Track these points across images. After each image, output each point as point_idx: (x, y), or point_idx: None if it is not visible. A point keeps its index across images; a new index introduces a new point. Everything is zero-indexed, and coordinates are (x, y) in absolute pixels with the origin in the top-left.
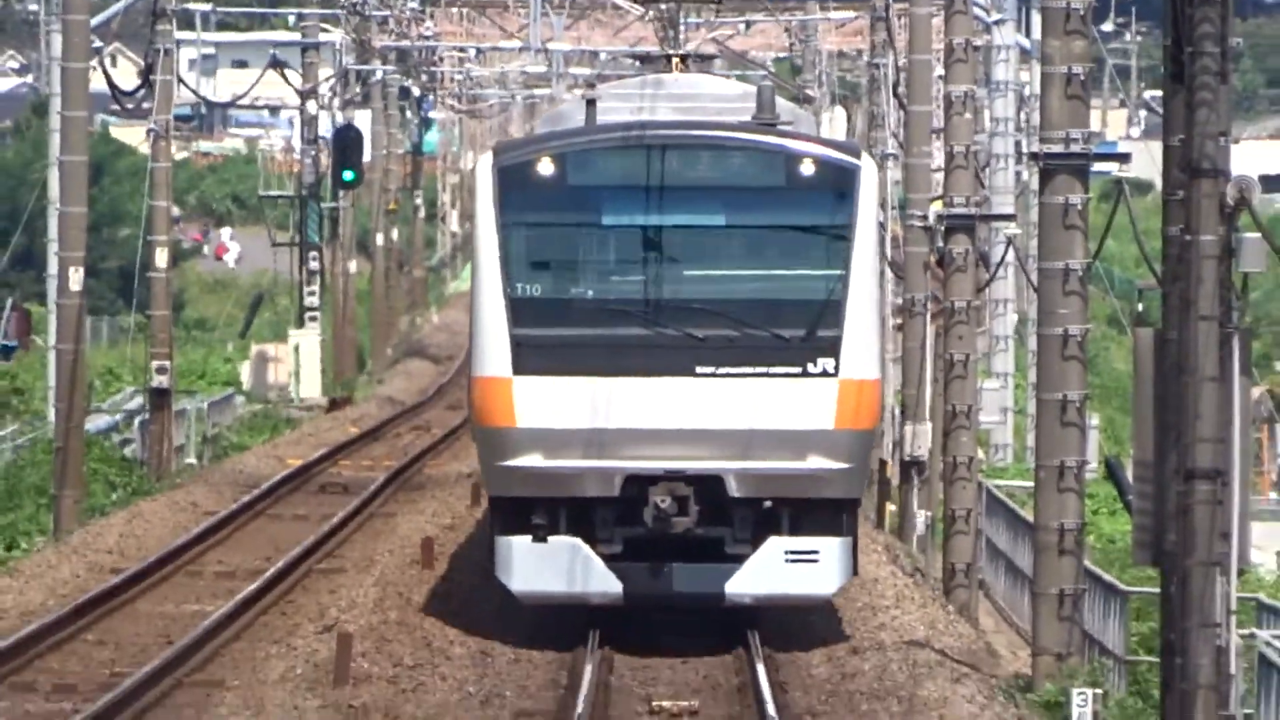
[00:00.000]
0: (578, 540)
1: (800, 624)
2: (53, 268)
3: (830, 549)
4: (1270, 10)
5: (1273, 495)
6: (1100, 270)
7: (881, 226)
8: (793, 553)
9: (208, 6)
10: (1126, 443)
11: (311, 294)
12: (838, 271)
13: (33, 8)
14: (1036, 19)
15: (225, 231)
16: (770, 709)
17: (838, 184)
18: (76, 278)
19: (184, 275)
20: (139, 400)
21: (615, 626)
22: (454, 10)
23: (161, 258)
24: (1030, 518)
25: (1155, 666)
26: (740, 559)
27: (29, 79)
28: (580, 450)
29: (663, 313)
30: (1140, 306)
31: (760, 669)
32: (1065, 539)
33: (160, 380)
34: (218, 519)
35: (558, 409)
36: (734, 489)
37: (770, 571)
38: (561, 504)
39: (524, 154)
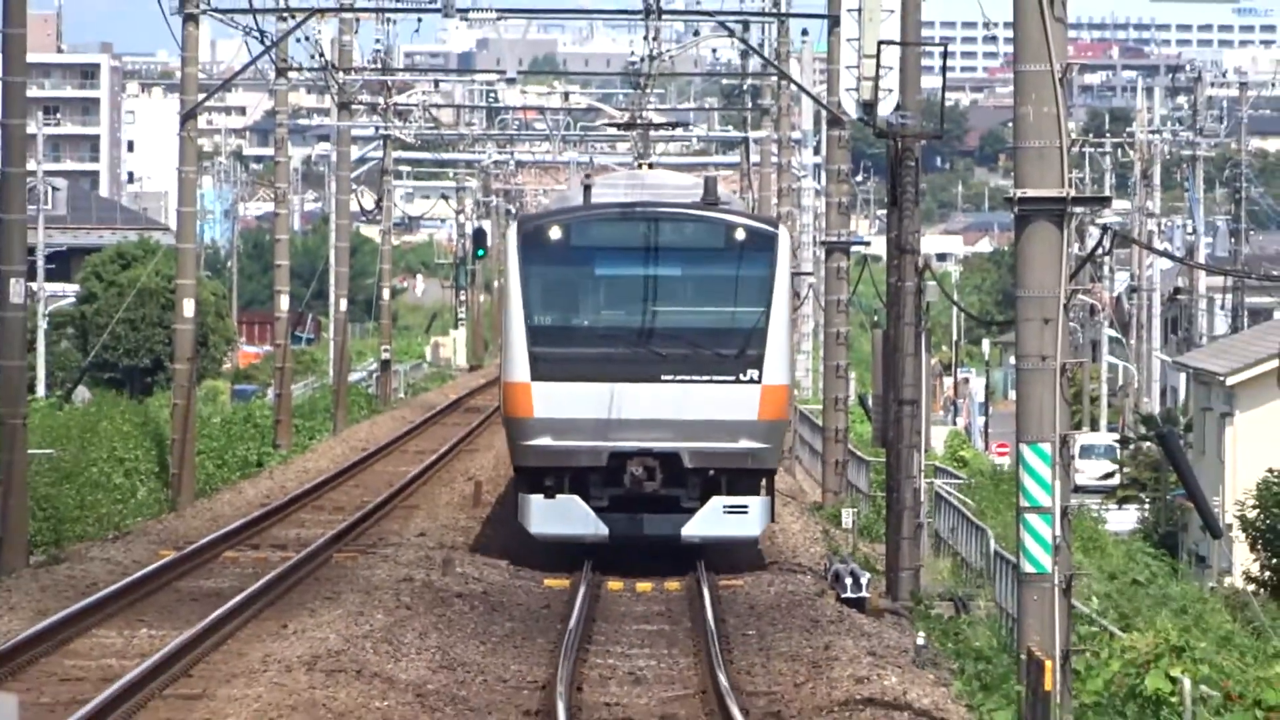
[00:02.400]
0: (576, 497)
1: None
2: (331, 300)
3: (755, 504)
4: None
5: (940, 413)
6: (857, 300)
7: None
8: (729, 507)
9: (408, 168)
10: (869, 385)
11: (460, 311)
12: (761, 308)
13: None
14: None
15: (419, 279)
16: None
17: (761, 246)
18: (342, 305)
19: (397, 302)
20: (375, 365)
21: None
22: (533, 170)
23: (386, 294)
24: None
25: (883, 498)
26: (692, 511)
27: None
28: (579, 434)
29: (638, 336)
30: (876, 318)
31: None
32: (838, 435)
33: (385, 355)
34: (414, 425)
35: (563, 404)
36: (687, 462)
37: (714, 520)
38: (566, 472)
39: (540, 222)
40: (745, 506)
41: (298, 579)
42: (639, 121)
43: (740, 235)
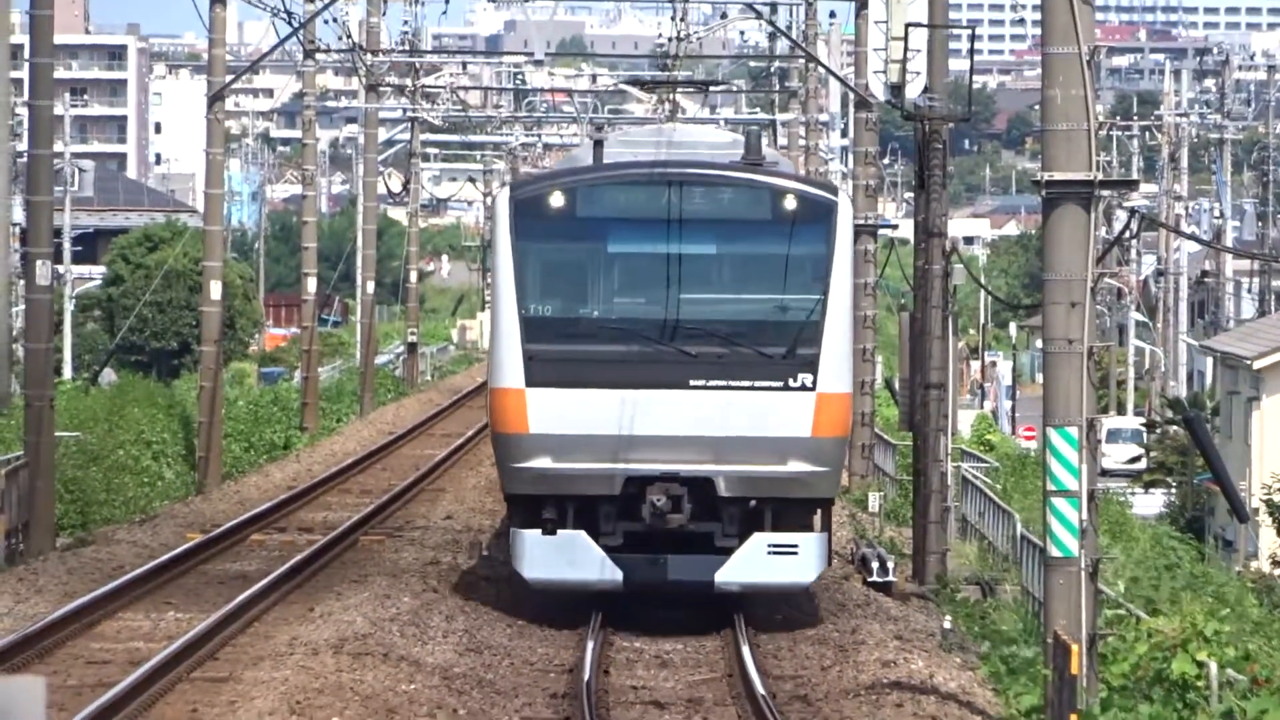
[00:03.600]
0: (583, 534)
1: None
2: (358, 283)
3: (808, 543)
4: (966, 153)
5: (967, 396)
6: (884, 283)
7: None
8: (775, 546)
9: (435, 151)
10: (895, 369)
11: (487, 294)
12: (817, 296)
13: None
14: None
15: (445, 261)
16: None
17: (817, 217)
18: (369, 288)
19: (424, 285)
20: (402, 348)
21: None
22: (560, 152)
23: (413, 277)
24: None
25: (910, 482)
26: (728, 551)
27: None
28: (586, 454)
29: (660, 331)
30: (903, 301)
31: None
32: (864, 419)
33: (412, 338)
34: (441, 408)
35: (566, 417)
36: (723, 489)
37: (755, 562)
38: (569, 501)
39: (538, 188)
40: (795, 546)
41: (324, 562)
42: (666, 80)
43: (791, 204)
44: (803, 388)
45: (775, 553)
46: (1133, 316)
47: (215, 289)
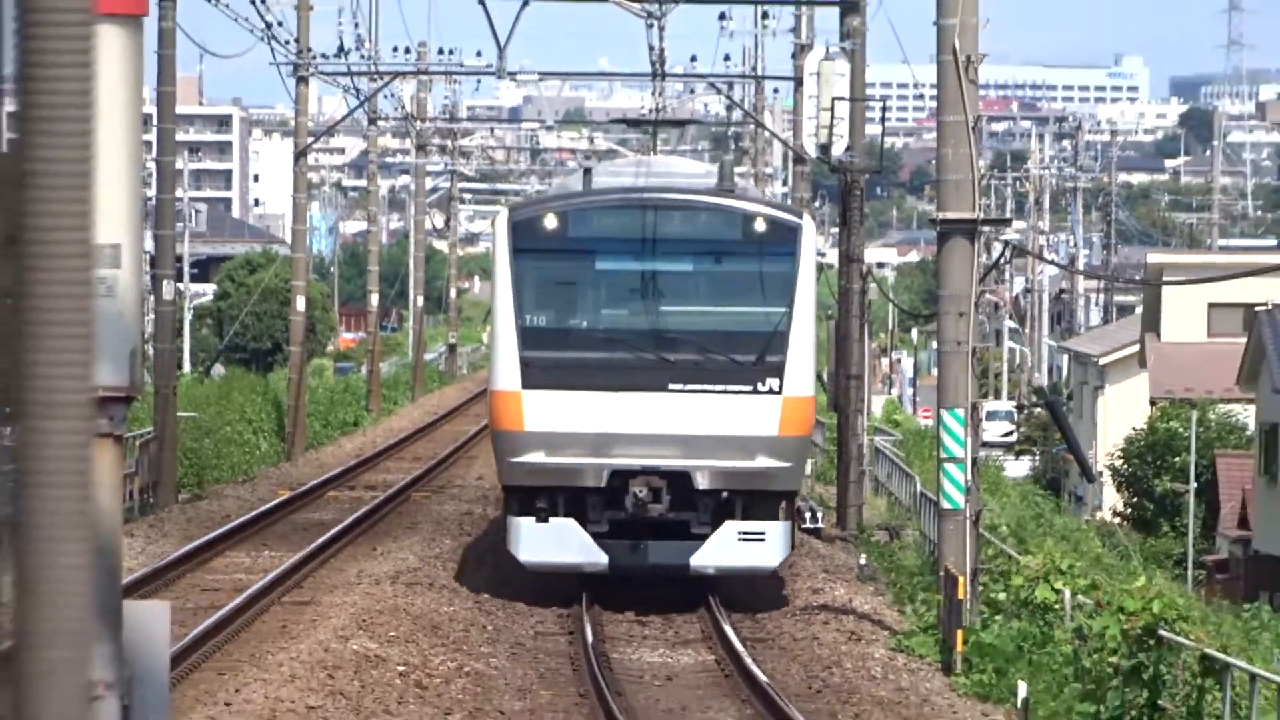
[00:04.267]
0: (572, 521)
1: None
2: (410, 298)
3: (774, 531)
4: (878, 198)
5: (879, 386)
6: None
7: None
8: (745, 533)
9: (470, 195)
10: (824, 365)
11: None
12: (783, 309)
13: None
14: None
15: (477, 281)
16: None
17: (783, 238)
18: (419, 301)
19: (461, 299)
20: (444, 348)
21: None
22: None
23: (453, 293)
24: None
25: (835, 451)
26: (703, 538)
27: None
28: (576, 449)
29: (642, 340)
30: (830, 313)
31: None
32: None
33: (452, 340)
34: (473, 394)
35: (558, 416)
36: (699, 482)
37: (727, 548)
38: (560, 492)
39: (533, 210)
40: (763, 533)
41: (384, 513)
42: (647, 118)
43: (760, 226)
44: (770, 391)
45: (745, 539)
46: (1006, 324)
47: (300, 303)
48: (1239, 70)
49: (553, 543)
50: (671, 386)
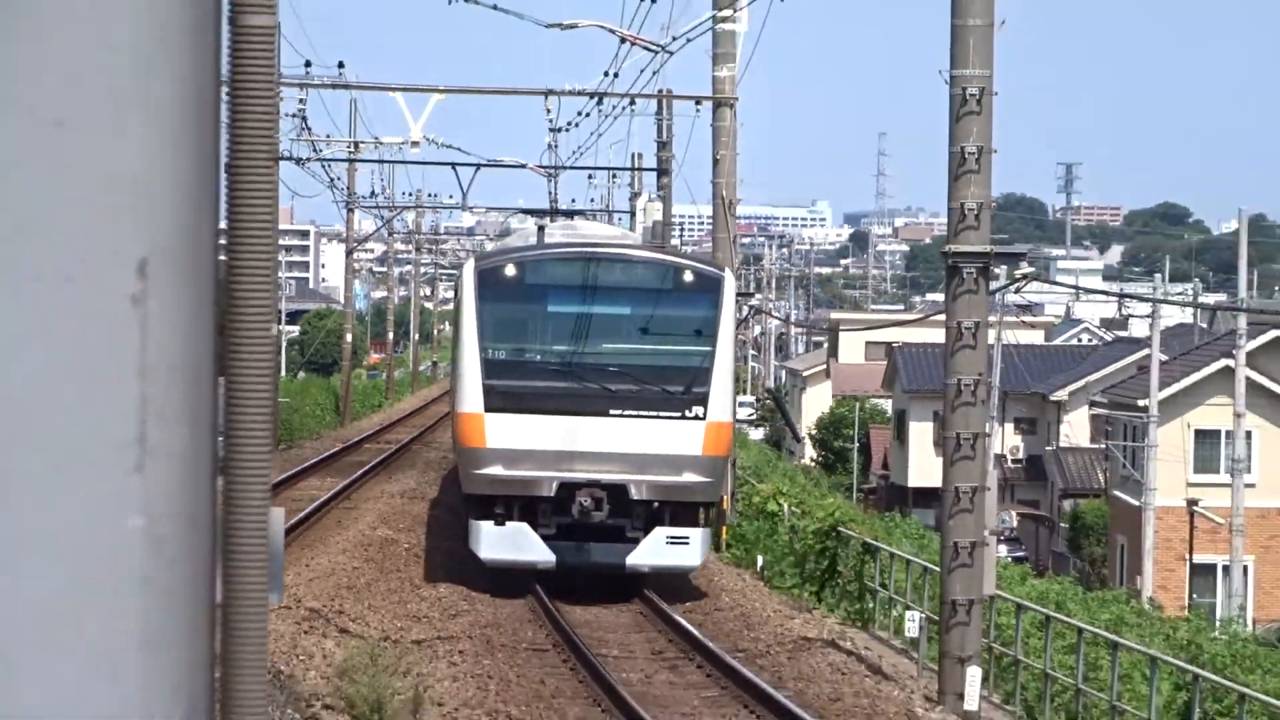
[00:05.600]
0: (526, 525)
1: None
2: (410, 334)
3: (696, 535)
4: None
5: None
6: None
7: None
8: (671, 537)
9: (444, 276)
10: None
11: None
12: (707, 348)
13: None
14: None
15: (448, 325)
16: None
17: (708, 288)
18: (415, 337)
19: (440, 334)
20: (430, 364)
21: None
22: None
23: (435, 332)
24: None
25: None
26: (636, 541)
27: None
28: (530, 464)
29: (587, 372)
30: None
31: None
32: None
33: (434, 360)
34: (447, 390)
35: (515, 435)
36: (634, 494)
37: (657, 549)
38: (516, 500)
39: (496, 261)
40: (687, 538)
41: (396, 456)
42: (553, 209)
43: (688, 277)
44: (695, 417)
45: (672, 542)
46: (750, 351)
47: (348, 337)
48: (883, 208)
49: (509, 543)
50: (612, 412)
